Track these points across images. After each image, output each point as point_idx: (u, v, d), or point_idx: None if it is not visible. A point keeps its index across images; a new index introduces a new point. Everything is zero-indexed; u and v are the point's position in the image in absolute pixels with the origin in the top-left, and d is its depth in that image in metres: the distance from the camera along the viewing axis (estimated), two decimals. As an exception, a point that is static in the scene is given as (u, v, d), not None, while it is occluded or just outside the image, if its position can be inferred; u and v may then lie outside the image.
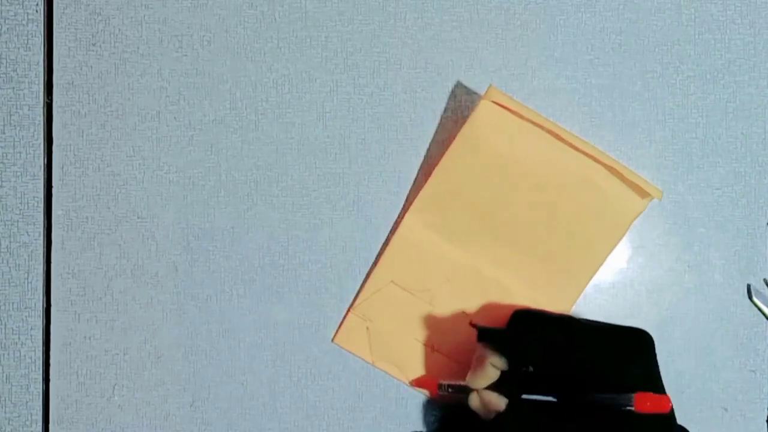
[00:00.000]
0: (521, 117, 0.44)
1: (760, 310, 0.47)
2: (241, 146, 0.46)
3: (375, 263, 0.46)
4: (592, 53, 0.48)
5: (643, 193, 0.44)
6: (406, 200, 0.47)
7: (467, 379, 0.41)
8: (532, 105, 0.47)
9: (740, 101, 0.48)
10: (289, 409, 0.46)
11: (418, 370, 0.46)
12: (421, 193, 0.45)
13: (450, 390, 0.43)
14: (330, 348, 0.46)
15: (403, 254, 0.46)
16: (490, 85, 0.43)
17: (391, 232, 0.46)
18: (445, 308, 0.46)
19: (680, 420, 0.47)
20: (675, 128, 0.48)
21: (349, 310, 0.46)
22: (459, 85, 0.47)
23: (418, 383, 0.46)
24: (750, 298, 0.47)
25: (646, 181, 0.43)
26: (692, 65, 0.48)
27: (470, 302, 0.46)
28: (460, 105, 0.47)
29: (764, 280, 0.47)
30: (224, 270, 0.46)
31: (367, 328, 0.46)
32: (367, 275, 0.46)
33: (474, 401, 0.40)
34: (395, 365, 0.46)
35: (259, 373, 0.46)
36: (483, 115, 0.44)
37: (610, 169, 0.44)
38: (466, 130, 0.44)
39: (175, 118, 0.46)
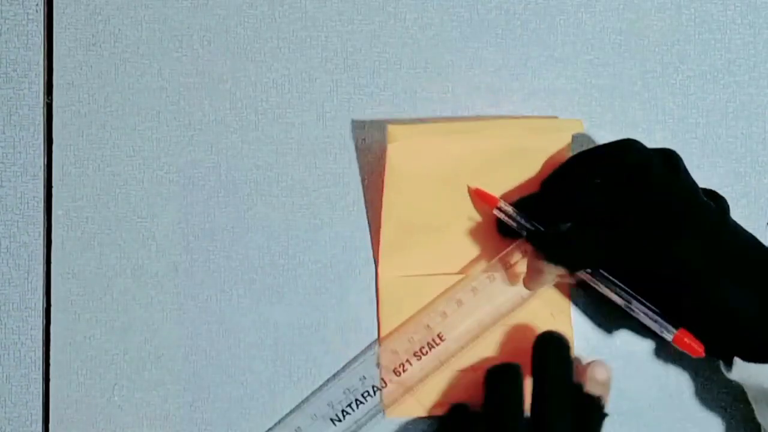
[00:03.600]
0: (428, 135, 0.44)
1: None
2: (241, 146, 0.47)
3: (378, 325, 0.46)
4: (592, 53, 0.48)
5: (566, 128, 0.45)
6: (368, 219, 0.47)
7: (524, 281, 0.43)
8: (532, 105, 0.47)
9: (740, 101, 0.48)
10: (289, 409, 0.46)
11: (432, 394, 0.45)
12: (381, 245, 0.45)
13: (508, 216, 0.43)
14: (330, 348, 0.46)
15: (396, 305, 0.46)
16: (388, 126, 0.43)
17: (376, 291, 0.46)
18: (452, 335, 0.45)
19: (680, 420, 0.47)
20: (675, 128, 0.48)
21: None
22: (459, 85, 0.47)
23: (478, 194, 0.45)
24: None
25: (564, 120, 0.46)
26: (692, 65, 0.48)
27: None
28: (460, 105, 0.47)
29: (764, 280, 0.47)
30: (224, 270, 0.46)
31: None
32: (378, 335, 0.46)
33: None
34: (410, 394, 0.45)
35: (259, 373, 0.46)
36: (396, 155, 0.44)
37: (528, 120, 0.46)
38: (390, 175, 0.44)
39: (175, 118, 0.46)
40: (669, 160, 0.40)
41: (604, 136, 0.47)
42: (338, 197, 0.47)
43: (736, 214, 0.47)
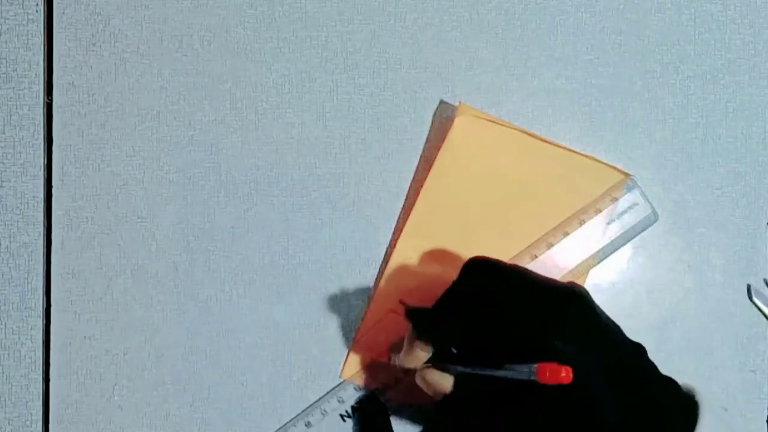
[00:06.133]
0: (495, 123, 0.45)
1: (760, 310, 0.47)
2: (241, 146, 0.47)
3: (372, 293, 0.46)
4: (592, 53, 0.48)
5: (622, 175, 0.46)
6: (403, 208, 0.47)
7: (399, 358, 0.39)
8: (532, 105, 0.47)
9: (740, 101, 0.48)
10: (289, 409, 0.46)
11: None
12: (410, 219, 0.45)
13: (398, 363, 0.40)
14: (330, 348, 0.46)
15: (399, 282, 0.46)
16: (460, 102, 0.45)
17: (383, 261, 0.46)
18: None
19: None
20: (675, 128, 0.48)
21: (352, 345, 0.46)
22: (459, 86, 0.47)
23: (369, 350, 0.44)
24: (750, 298, 0.47)
25: (620, 169, 0.46)
26: (692, 65, 0.48)
27: None
28: (460, 105, 0.47)
29: (764, 280, 0.47)
30: (224, 270, 0.46)
31: (372, 360, 0.45)
32: (369, 303, 0.46)
33: (418, 380, 0.38)
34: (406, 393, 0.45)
35: (259, 373, 0.46)
36: (459, 132, 0.45)
37: (590, 158, 0.46)
38: (445, 150, 0.45)
39: (175, 118, 0.46)
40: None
41: (604, 136, 0.47)
42: (338, 197, 0.47)
43: (736, 214, 0.47)
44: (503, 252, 0.45)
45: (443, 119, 0.47)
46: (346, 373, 0.46)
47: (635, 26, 0.48)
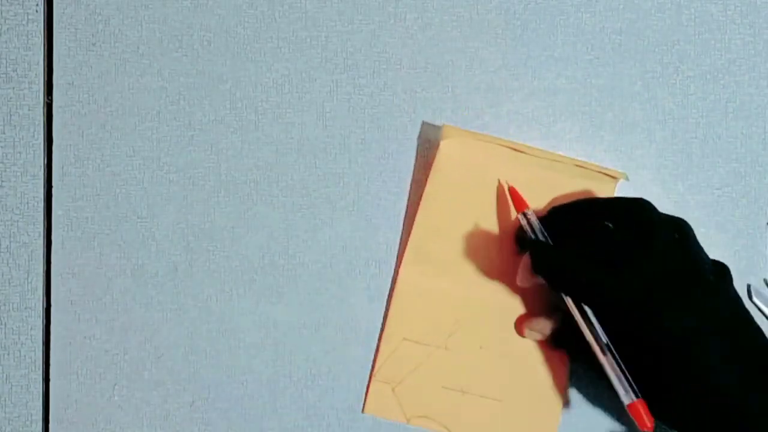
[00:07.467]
0: (481, 141, 0.45)
1: (760, 310, 0.47)
2: (241, 146, 0.47)
3: (383, 324, 0.46)
4: (592, 53, 0.48)
5: (610, 178, 0.45)
6: (404, 221, 0.47)
7: (519, 277, 0.43)
8: (532, 105, 0.47)
9: (740, 101, 0.48)
10: (289, 409, 0.46)
11: (454, 416, 0.45)
12: (409, 245, 0.45)
13: (529, 224, 0.43)
14: (330, 348, 0.46)
15: (408, 309, 0.45)
16: (444, 125, 0.45)
17: (390, 288, 0.46)
18: (462, 349, 0.45)
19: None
20: (675, 128, 0.48)
21: (370, 379, 0.45)
22: (459, 85, 0.47)
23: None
24: (750, 298, 0.47)
25: (608, 169, 0.45)
26: (692, 65, 0.48)
27: (484, 335, 0.46)
28: (460, 105, 0.47)
29: (764, 280, 0.47)
30: (224, 270, 0.46)
31: (393, 390, 0.45)
32: (380, 337, 0.46)
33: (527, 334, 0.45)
34: (431, 418, 0.45)
35: (259, 373, 0.46)
36: (446, 154, 0.45)
37: (577, 164, 0.45)
38: (434, 174, 0.45)
39: (175, 118, 0.46)
40: (679, 230, 0.40)
41: (603, 136, 0.47)
42: (338, 197, 0.47)
43: (736, 214, 0.47)
44: (505, 263, 0.45)
45: (428, 143, 0.46)
46: (368, 408, 0.45)
47: (635, 26, 0.48)
